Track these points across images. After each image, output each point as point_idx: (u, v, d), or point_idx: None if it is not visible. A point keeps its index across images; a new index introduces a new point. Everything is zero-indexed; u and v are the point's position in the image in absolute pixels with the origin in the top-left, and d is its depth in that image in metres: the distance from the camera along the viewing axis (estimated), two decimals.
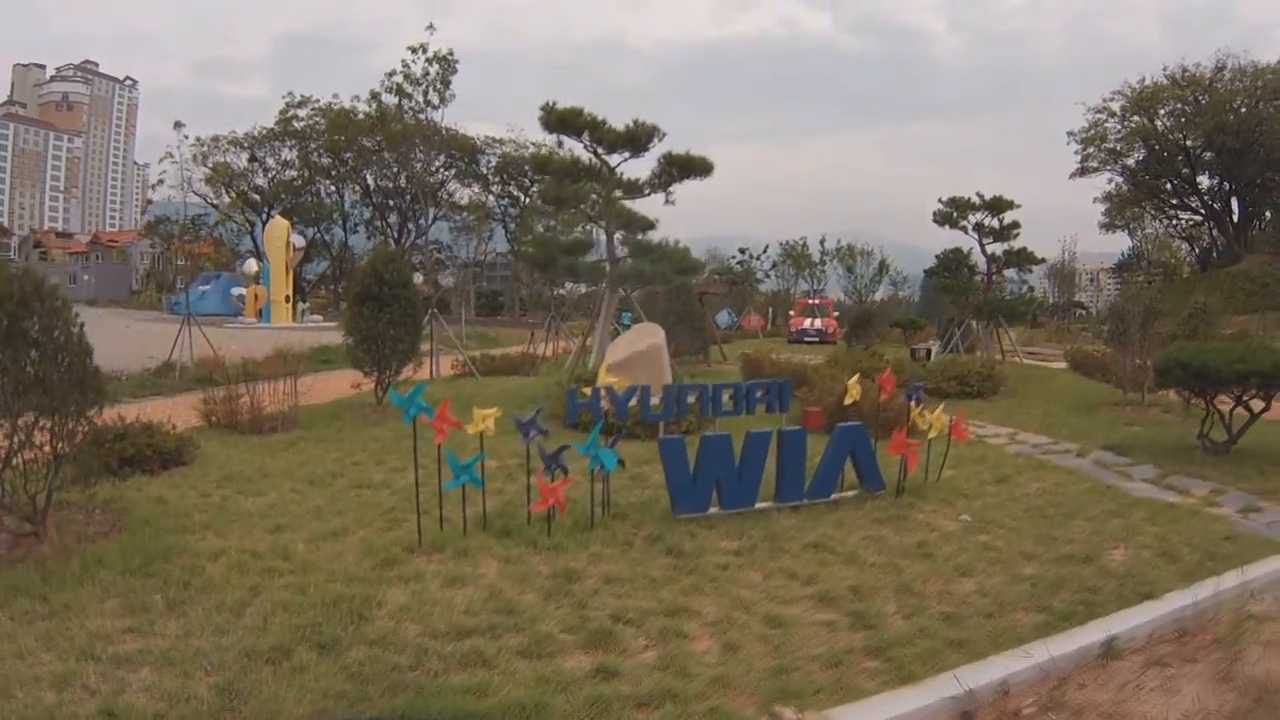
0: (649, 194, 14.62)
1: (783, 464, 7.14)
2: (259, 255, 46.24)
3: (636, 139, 13.88)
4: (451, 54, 56.80)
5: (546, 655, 4.44)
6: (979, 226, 25.17)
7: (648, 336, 10.95)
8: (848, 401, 8.58)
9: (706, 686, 4.17)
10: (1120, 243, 79.22)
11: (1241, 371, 10.15)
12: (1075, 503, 8.44)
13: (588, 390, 7.81)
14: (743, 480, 6.83)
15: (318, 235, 62.19)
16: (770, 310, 57.70)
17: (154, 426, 9.02)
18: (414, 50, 55.75)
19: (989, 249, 25.43)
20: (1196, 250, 71.06)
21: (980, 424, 14.01)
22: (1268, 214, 61.24)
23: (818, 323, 37.80)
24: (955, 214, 25.13)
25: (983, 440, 12.41)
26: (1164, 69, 59.39)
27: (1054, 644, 4.83)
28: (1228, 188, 62.75)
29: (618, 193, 14.40)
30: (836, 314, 39.43)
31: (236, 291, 44.36)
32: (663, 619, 5.00)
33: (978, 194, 24.91)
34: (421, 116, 55.46)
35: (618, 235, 14.83)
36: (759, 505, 7.07)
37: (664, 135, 14.27)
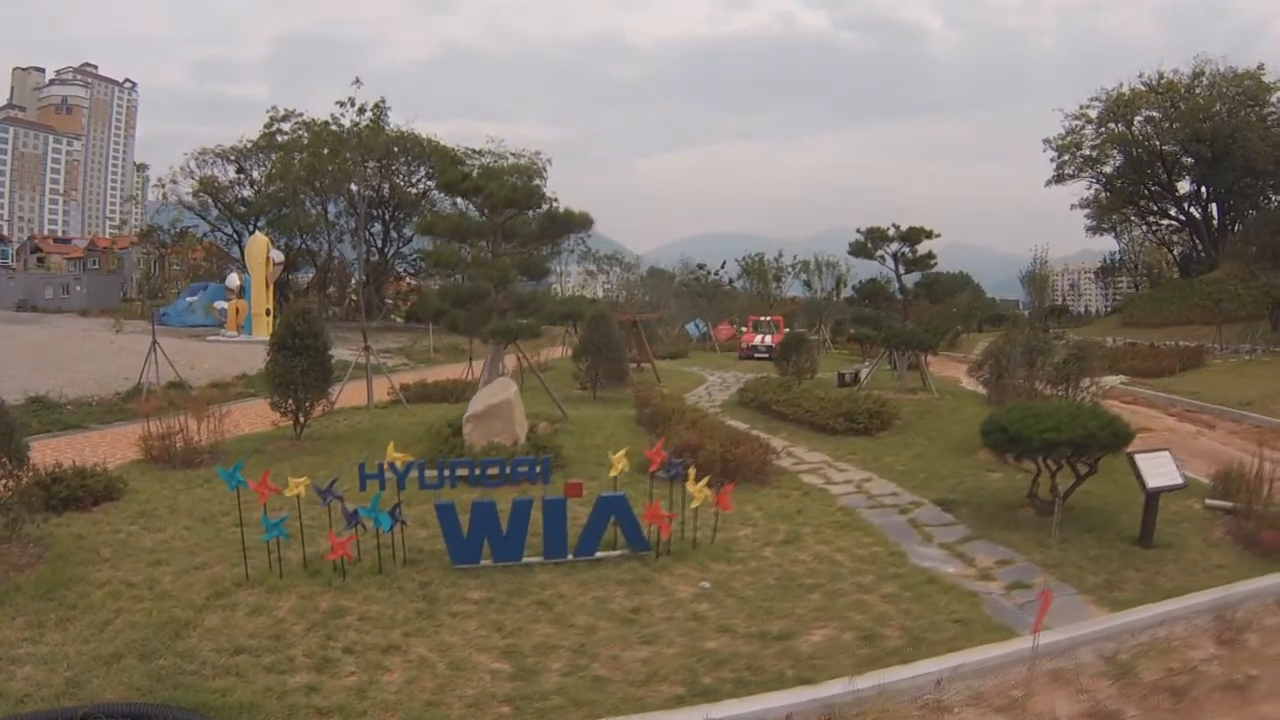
0: (535, 247, 16.41)
1: (546, 527, 8.57)
2: (243, 267, 48.23)
3: (517, 200, 15.58)
4: (383, 102, 60.08)
5: (281, 672, 6.13)
6: (896, 256, 25.72)
7: (501, 391, 12.72)
8: (613, 474, 9.74)
9: (371, 707, 5.68)
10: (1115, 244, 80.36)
11: (1052, 440, 10.37)
12: (836, 572, 8.87)
13: (374, 466, 9.56)
14: (509, 539, 8.40)
15: (303, 245, 64.06)
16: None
17: (86, 470, 10.88)
18: (341, 105, 59.08)
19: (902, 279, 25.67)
20: (1177, 256, 71.84)
21: (844, 468, 14.46)
22: (1251, 213, 60.67)
23: (768, 339, 39.44)
24: (871, 245, 25.65)
25: (825, 489, 12.83)
26: (1140, 75, 60.15)
27: (670, 715, 5.67)
28: (1206, 193, 63.37)
29: (507, 246, 16.25)
30: (788, 330, 41.07)
31: (219, 305, 46.36)
32: (378, 653, 6.50)
33: (894, 225, 25.62)
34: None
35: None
36: (528, 560, 8.46)
37: (548, 199, 16.28)
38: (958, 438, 16.52)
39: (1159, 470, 10.05)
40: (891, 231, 25.54)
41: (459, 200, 67.49)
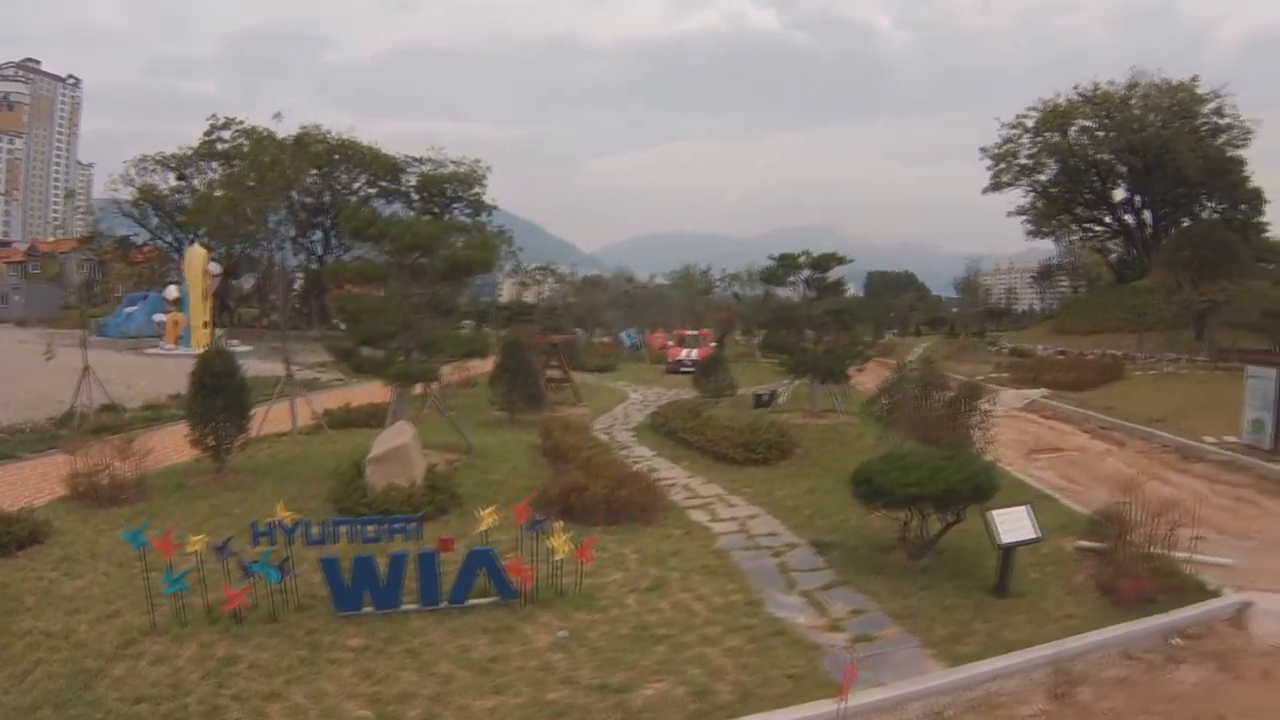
0: (440, 287, 17.30)
1: (421, 578, 9.51)
2: (180, 279, 48.65)
3: (420, 244, 16.47)
4: (306, 131, 61.90)
5: (176, 719, 7.15)
6: (808, 282, 26.04)
7: (398, 436, 13.68)
8: (482, 528, 10.52)
9: None
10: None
11: (914, 494, 10.70)
12: (689, 623, 9.35)
13: (265, 524, 10.30)
14: (387, 589, 9.35)
15: (243, 252, 64.48)
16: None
17: (12, 516, 11.78)
18: (261, 140, 59.82)
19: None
20: (1113, 261, 74.18)
21: (734, 503, 14.90)
22: (1185, 221, 62.65)
23: (694, 353, 40.29)
24: (782, 272, 26.30)
25: (708, 529, 13.25)
26: (1075, 86, 62.63)
27: None
28: (1140, 201, 65.67)
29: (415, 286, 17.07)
30: (714, 343, 41.91)
31: (158, 318, 46.81)
32: (261, 700, 7.32)
33: (805, 252, 26.36)
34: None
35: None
36: (406, 607, 9.29)
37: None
38: (854, 468, 16.58)
39: (1014, 526, 10.37)
40: (803, 259, 26.09)
41: (396, 205, 69.28)
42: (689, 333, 47.28)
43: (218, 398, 15.23)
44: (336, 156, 64.68)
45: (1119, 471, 18.41)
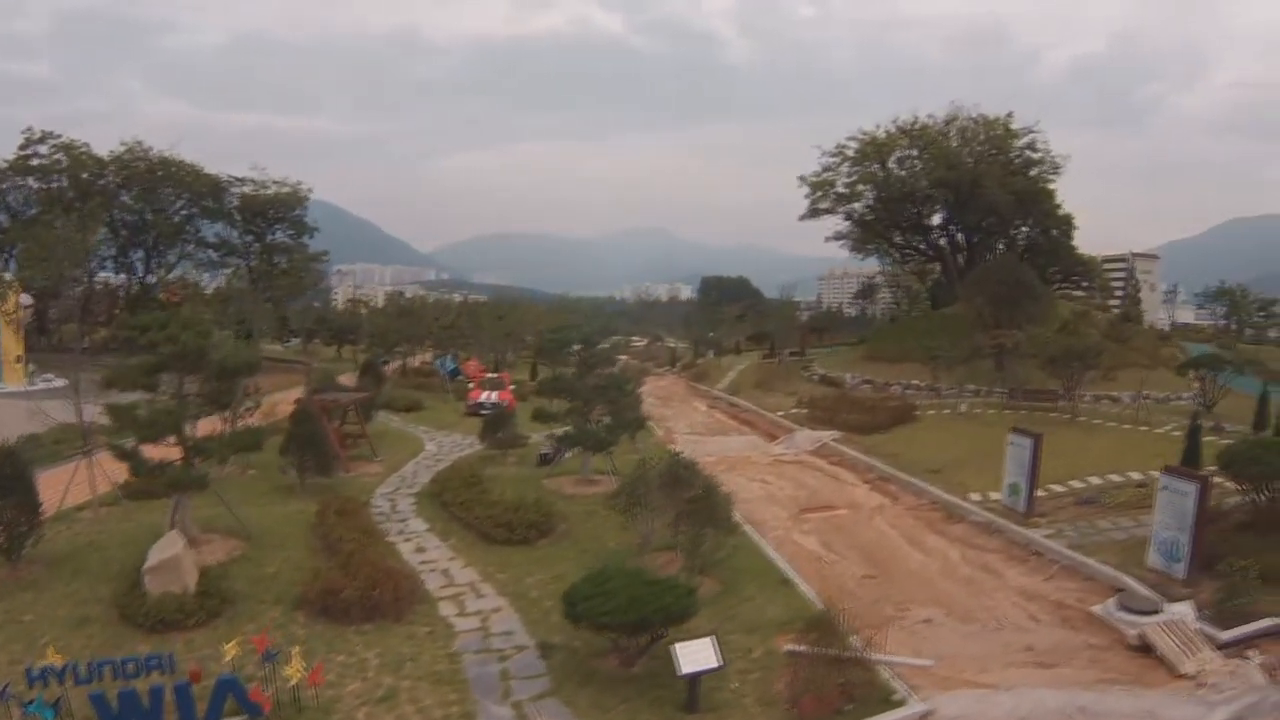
0: (214, 385, 18.72)
1: (179, 705, 11.15)
2: None
3: (189, 353, 17.61)
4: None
5: None
6: (580, 354, 27.60)
7: (169, 548, 15.27)
8: (227, 659, 11.99)
9: None
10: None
11: (608, 623, 11.86)
12: None
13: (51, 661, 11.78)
14: (150, 716, 11.21)
15: (63, 273, 63.44)
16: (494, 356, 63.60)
17: None
18: (79, 155, 60.15)
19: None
20: (929, 285, 77.79)
21: (484, 593, 15.85)
22: (1001, 247, 66.21)
23: (494, 396, 41.77)
24: (555, 346, 28.39)
25: (451, 626, 14.27)
26: (894, 120, 65.60)
27: None
28: (955, 227, 69.17)
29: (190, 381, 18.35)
30: (513, 386, 43.76)
31: None
32: None
33: (578, 326, 28.33)
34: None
35: None
36: None
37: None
38: (611, 548, 17.85)
39: (696, 657, 11.55)
40: (575, 332, 28.37)
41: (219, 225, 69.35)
42: (489, 374, 49.26)
43: (8, 499, 15.99)
44: (159, 174, 64.22)
45: (880, 538, 20.40)
